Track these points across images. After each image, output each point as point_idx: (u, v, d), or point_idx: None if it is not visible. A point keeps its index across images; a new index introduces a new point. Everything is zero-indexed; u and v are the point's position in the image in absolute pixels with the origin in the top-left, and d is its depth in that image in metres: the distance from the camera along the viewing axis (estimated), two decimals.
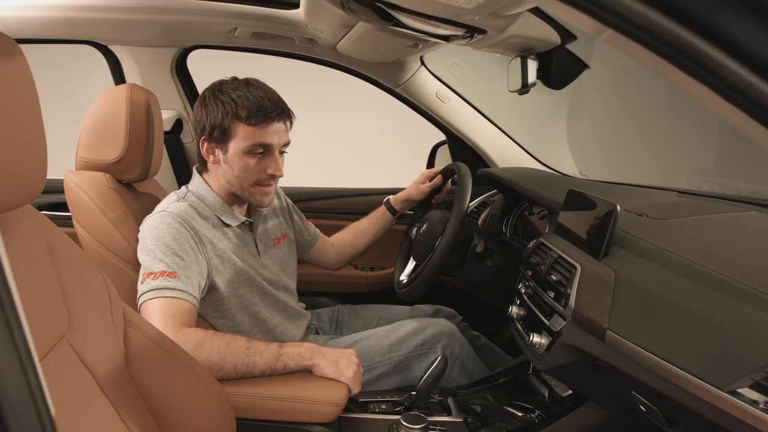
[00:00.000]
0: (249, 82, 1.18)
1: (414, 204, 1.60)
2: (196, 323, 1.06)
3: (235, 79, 1.20)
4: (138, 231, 1.17)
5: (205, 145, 1.19)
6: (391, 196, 1.60)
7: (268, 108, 1.13)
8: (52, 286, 0.69)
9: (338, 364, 1.05)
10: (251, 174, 1.17)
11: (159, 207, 1.18)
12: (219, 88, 1.18)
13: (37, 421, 0.33)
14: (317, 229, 1.59)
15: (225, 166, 1.19)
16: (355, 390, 1.05)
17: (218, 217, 1.21)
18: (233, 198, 1.24)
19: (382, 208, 1.60)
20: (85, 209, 1.17)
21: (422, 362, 1.25)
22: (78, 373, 0.68)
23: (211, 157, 1.20)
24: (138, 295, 1.06)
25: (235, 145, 1.16)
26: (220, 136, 1.16)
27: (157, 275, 1.05)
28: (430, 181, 1.57)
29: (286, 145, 1.22)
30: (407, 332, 1.28)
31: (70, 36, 1.60)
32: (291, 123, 1.21)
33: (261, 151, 1.16)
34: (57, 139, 1.06)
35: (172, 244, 1.08)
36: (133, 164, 1.23)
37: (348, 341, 1.29)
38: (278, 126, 1.16)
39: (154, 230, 1.10)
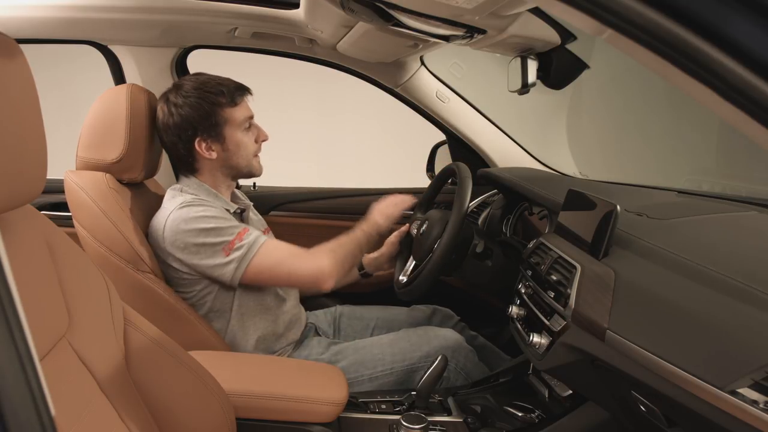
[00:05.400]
0: (199, 77, 1.24)
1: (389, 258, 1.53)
2: None
3: (180, 81, 1.24)
4: (138, 230, 1.17)
5: (203, 144, 1.22)
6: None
7: (235, 86, 1.24)
8: (52, 286, 0.69)
9: (384, 214, 1.36)
10: (250, 147, 1.27)
11: (172, 205, 1.17)
12: (174, 94, 1.21)
13: (37, 421, 0.33)
14: None
15: (225, 154, 1.24)
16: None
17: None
18: (224, 187, 1.30)
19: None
20: (86, 209, 1.17)
21: (425, 373, 1.24)
22: (78, 373, 0.68)
23: (211, 152, 1.23)
24: (236, 265, 1.13)
25: (230, 129, 1.23)
26: (213, 129, 1.21)
27: (241, 235, 1.14)
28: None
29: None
30: (411, 343, 1.28)
31: (70, 36, 1.59)
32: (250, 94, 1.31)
33: (248, 125, 1.26)
34: (57, 139, 1.06)
35: (219, 215, 1.16)
36: (134, 164, 1.23)
37: (350, 348, 1.29)
38: (247, 98, 1.28)
39: (197, 215, 1.14)
